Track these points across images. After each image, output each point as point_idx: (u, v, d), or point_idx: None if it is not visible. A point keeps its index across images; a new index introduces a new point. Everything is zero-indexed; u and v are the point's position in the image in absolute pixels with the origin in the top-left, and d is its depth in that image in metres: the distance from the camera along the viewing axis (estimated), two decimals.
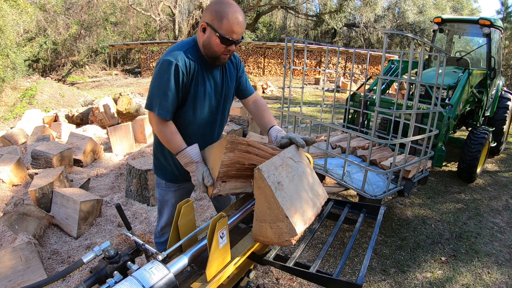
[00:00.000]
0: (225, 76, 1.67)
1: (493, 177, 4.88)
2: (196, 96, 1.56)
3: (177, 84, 1.47)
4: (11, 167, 3.62)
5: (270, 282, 2.48)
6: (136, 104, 6.40)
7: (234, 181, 1.42)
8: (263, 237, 1.29)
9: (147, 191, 3.38)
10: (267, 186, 1.18)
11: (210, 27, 1.45)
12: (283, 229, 1.22)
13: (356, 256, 2.86)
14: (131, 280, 0.93)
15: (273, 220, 1.22)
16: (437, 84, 3.04)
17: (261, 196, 1.22)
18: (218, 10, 1.42)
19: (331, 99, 10.35)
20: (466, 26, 5.30)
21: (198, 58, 1.53)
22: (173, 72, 1.44)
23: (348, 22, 21.77)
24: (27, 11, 12.69)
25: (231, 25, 1.42)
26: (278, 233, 1.23)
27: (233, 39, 1.45)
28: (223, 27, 1.42)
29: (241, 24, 1.44)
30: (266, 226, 1.25)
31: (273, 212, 1.21)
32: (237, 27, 1.43)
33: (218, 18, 1.42)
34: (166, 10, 21.01)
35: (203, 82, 1.57)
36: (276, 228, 1.23)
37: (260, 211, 1.25)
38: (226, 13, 1.41)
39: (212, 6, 1.45)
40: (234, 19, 1.42)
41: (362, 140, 4.04)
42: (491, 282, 2.67)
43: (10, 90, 11.89)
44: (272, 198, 1.19)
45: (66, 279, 2.33)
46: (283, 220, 1.20)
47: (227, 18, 1.41)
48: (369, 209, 1.63)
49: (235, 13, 1.42)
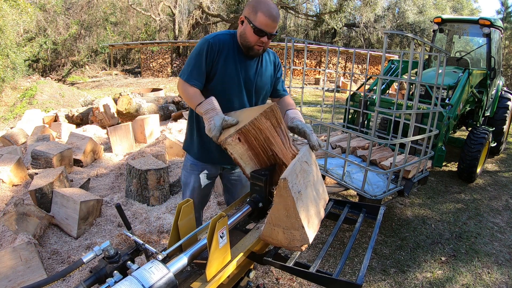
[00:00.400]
0: (259, 69, 1.80)
1: (493, 177, 4.88)
2: (224, 78, 1.71)
3: (206, 58, 1.66)
4: (11, 167, 3.62)
5: (270, 282, 2.48)
6: (136, 104, 6.40)
7: (246, 150, 1.45)
8: (273, 240, 1.29)
9: (147, 191, 3.38)
10: (290, 197, 1.18)
11: (247, 20, 1.63)
12: (296, 237, 1.22)
13: (356, 256, 2.86)
14: (131, 279, 0.93)
15: (287, 227, 1.23)
16: (437, 84, 3.04)
17: (281, 204, 1.21)
18: (255, 5, 1.61)
19: (331, 99, 10.35)
20: (466, 26, 5.30)
21: (233, 45, 1.72)
22: (205, 47, 1.66)
23: (348, 22, 21.77)
24: (27, 11, 12.69)
25: (264, 18, 1.58)
26: (289, 239, 1.24)
27: (266, 31, 1.61)
28: (257, 19, 1.59)
29: (273, 18, 1.60)
30: (279, 230, 1.25)
31: (290, 220, 1.21)
32: (269, 21, 1.59)
33: (253, 12, 1.60)
34: (166, 10, 21.01)
35: (235, 67, 1.72)
36: (289, 235, 1.23)
37: (276, 216, 1.24)
38: (261, 8, 1.59)
39: (250, 2, 1.66)
40: (268, 13, 1.59)
41: (362, 140, 4.04)
42: (491, 282, 2.67)
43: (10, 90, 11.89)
44: (292, 208, 1.19)
45: (66, 279, 2.34)
46: (298, 229, 1.21)
47: (262, 11, 1.58)
48: (369, 209, 1.63)
49: (269, 8, 1.59)
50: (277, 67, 1.91)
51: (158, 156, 4.03)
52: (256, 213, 1.47)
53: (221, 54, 1.68)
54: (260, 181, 1.43)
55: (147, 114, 6.47)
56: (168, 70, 18.43)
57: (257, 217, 1.51)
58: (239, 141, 1.42)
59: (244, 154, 1.47)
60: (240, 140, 1.42)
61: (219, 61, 1.69)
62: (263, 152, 1.49)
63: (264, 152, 1.49)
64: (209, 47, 1.66)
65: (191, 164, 1.94)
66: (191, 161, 1.94)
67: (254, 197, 1.46)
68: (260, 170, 1.48)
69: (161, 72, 18.40)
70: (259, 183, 1.43)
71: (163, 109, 7.40)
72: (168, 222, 3.08)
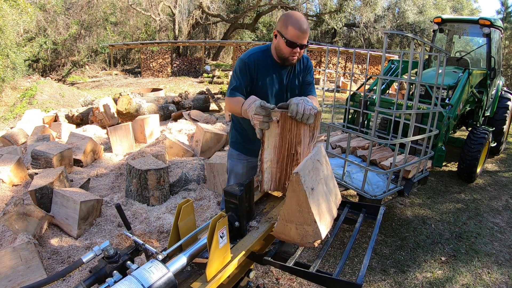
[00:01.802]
0: (292, 74, 1.99)
1: (493, 177, 4.88)
2: (262, 87, 1.92)
3: (244, 74, 1.87)
4: (11, 167, 3.62)
5: (270, 282, 2.48)
6: (136, 104, 6.40)
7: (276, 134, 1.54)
8: (285, 236, 1.30)
9: (147, 191, 3.38)
10: (302, 191, 1.20)
11: (279, 34, 1.79)
12: (308, 232, 1.24)
13: (356, 256, 2.86)
14: (130, 279, 0.93)
15: (300, 223, 1.24)
16: (437, 84, 3.04)
17: (293, 199, 1.23)
18: (285, 19, 1.76)
19: (331, 99, 10.35)
20: (466, 26, 5.30)
21: (267, 60, 1.91)
22: (242, 66, 1.87)
23: (348, 22, 21.77)
24: (27, 11, 12.69)
25: (294, 31, 1.73)
26: (302, 235, 1.25)
27: (297, 43, 1.75)
28: (288, 32, 1.74)
29: (303, 30, 1.74)
30: (292, 226, 1.26)
31: (303, 215, 1.22)
32: (299, 33, 1.73)
33: (285, 26, 1.75)
34: (166, 10, 21.01)
35: (271, 78, 1.92)
36: (301, 230, 1.25)
37: (288, 212, 1.26)
38: (291, 22, 1.74)
39: (282, 17, 1.81)
40: (297, 26, 1.73)
41: (362, 140, 4.04)
42: (491, 282, 2.67)
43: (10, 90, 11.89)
44: (304, 203, 1.21)
45: (66, 279, 2.34)
46: (311, 224, 1.22)
47: (292, 25, 1.73)
48: (369, 209, 1.62)
49: (299, 22, 1.74)
50: (307, 70, 2.05)
51: (158, 156, 4.03)
52: (234, 232, 1.34)
53: (258, 71, 1.88)
54: (234, 198, 1.30)
55: (147, 114, 6.47)
56: (168, 70, 18.43)
57: (235, 237, 1.36)
58: (277, 122, 1.51)
59: (272, 137, 1.54)
60: (278, 122, 1.51)
61: (257, 77, 1.90)
62: (288, 147, 1.57)
63: (288, 148, 1.57)
64: (246, 66, 1.86)
65: (238, 154, 2.19)
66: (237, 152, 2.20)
67: (229, 216, 1.30)
68: (234, 186, 1.36)
69: (161, 72, 18.40)
70: (233, 200, 1.31)
71: (163, 109, 7.40)
72: (168, 222, 3.08)
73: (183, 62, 18.97)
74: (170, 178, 3.78)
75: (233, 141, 2.24)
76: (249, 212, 1.43)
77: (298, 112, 1.47)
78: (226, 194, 1.33)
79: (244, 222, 1.36)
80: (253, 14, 22.25)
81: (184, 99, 8.16)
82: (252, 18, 22.55)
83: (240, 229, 1.34)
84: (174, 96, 8.29)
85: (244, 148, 2.17)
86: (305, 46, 1.80)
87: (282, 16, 1.83)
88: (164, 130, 5.89)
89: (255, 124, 1.54)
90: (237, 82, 1.89)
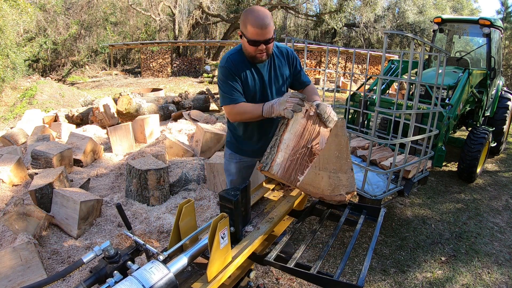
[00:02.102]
0: (272, 69, 1.94)
1: (493, 177, 4.88)
2: (247, 88, 1.88)
3: (233, 79, 1.82)
4: (11, 167, 3.61)
5: (270, 282, 2.48)
6: (136, 104, 6.40)
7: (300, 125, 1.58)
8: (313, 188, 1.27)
9: (147, 191, 3.38)
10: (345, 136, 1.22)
11: (242, 34, 1.75)
12: (342, 181, 1.22)
13: (356, 256, 2.86)
14: (131, 279, 0.93)
15: (335, 170, 1.22)
16: (437, 84, 3.04)
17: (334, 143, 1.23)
18: (244, 19, 1.71)
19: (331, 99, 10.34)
20: (466, 26, 5.30)
21: (243, 58, 1.85)
22: (226, 72, 1.82)
23: (348, 22, 21.75)
24: (27, 11, 12.68)
25: (253, 29, 1.67)
26: (334, 184, 1.23)
27: (259, 40, 1.69)
28: (248, 32, 1.70)
29: (261, 26, 1.67)
30: (324, 175, 1.24)
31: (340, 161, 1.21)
32: (259, 30, 1.67)
33: (244, 26, 1.71)
34: (166, 10, 21.00)
35: (252, 77, 1.88)
36: (334, 179, 1.23)
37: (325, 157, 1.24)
38: (248, 20, 1.68)
39: (241, 17, 1.75)
40: (255, 23, 1.66)
41: (362, 140, 4.04)
42: (491, 282, 2.67)
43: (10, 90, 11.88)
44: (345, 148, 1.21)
45: (66, 279, 2.33)
46: (347, 171, 1.22)
47: (250, 23, 1.67)
48: (370, 210, 1.62)
49: (256, 18, 1.67)
50: (291, 59, 1.99)
51: (158, 156, 4.02)
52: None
53: (239, 72, 1.83)
54: (229, 203, 1.29)
55: (147, 114, 6.47)
56: (168, 70, 18.43)
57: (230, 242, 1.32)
58: (305, 112, 1.57)
59: (296, 124, 1.57)
60: (306, 112, 1.56)
61: (241, 78, 1.86)
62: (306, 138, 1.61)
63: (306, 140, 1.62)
64: (229, 71, 1.81)
65: (230, 154, 2.18)
66: (230, 151, 2.19)
67: None
68: (230, 190, 1.35)
69: (161, 72, 18.40)
70: (228, 205, 1.29)
71: (163, 109, 7.40)
72: (168, 222, 3.07)
73: (183, 62, 18.97)
74: (170, 178, 3.78)
75: (227, 141, 2.25)
76: (245, 217, 1.41)
77: (326, 112, 1.61)
78: (222, 198, 1.31)
79: (240, 227, 1.34)
80: None
81: (184, 99, 8.16)
82: None
83: (236, 234, 1.33)
84: (174, 96, 8.29)
85: (236, 148, 2.16)
86: (271, 40, 1.73)
87: (241, 15, 1.76)
88: (164, 130, 5.89)
89: (287, 107, 1.58)
90: (232, 89, 1.83)
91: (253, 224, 1.47)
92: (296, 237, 3.05)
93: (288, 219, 1.72)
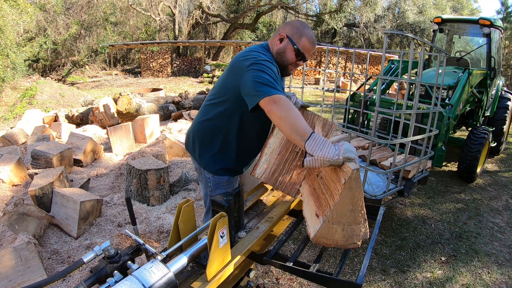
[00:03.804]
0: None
1: (493, 177, 4.88)
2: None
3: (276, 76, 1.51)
4: (11, 167, 3.62)
5: (270, 282, 2.48)
6: (136, 104, 6.40)
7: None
8: (327, 240, 1.23)
9: (147, 191, 3.38)
10: (359, 188, 1.14)
11: (289, 39, 1.63)
12: (355, 232, 1.20)
13: (356, 256, 2.86)
14: (131, 279, 0.93)
15: (349, 223, 1.19)
16: (437, 84, 3.04)
17: (348, 197, 1.15)
18: (300, 28, 1.64)
19: (331, 99, 10.35)
20: (466, 26, 5.30)
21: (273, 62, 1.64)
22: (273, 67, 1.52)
23: (348, 22, 21.77)
24: (27, 11, 12.69)
25: (308, 44, 1.64)
26: (348, 235, 1.20)
27: (305, 55, 1.66)
28: (301, 42, 1.62)
29: (314, 46, 1.67)
30: (338, 228, 1.20)
31: (354, 214, 1.17)
32: (311, 47, 1.66)
33: (298, 34, 1.62)
34: (166, 10, 21.02)
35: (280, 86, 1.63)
36: (348, 231, 1.20)
37: (339, 212, 1.18)
38: (306, 33, 1.63)
39: (295, 23, 1.67)
40: (311, 40, 1.64)
41: (362, 140, 4.04)
42: (491, 282, 2.67)
43: (10, 90, 11.89)
44: (359, 201, 1.16)
45: (66, 279, 2.34)
46: (360, 222, 1.18)
47: (306, 37, 1.63)
48: (369, 209, 1.62)
49: (312, 35, 1.66)
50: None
51: (158, 156, 4.03)
52: None
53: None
54: (221, 208, 1.25)
55: (147, 114, 6.47)
56: (168, 70, 18.43)
57: None
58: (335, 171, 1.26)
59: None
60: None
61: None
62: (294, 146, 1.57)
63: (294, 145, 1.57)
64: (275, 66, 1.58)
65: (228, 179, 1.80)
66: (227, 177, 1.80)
67: None
68: (222, 195, 1.30)
69: (161, 72, 18.41)
70: (220, 210, 1.25)
71: (163, 109, 7.40)
72: (168, 222, 3.08)
73: (183, 62, 18.98)
74: (170, 178, 3.78)
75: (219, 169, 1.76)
76: (237, 223, 1.39)
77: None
78: (214, 203, 1.28)
79: (233, 233, 1.33)
80: (253, 14, 22.24)
81: (184, 99, 8.16)
82: (252, 18, 22.55)
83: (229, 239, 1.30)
84: (174, 96, 8.29)
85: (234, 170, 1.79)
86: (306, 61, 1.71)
87: (294, 22, 1.67)
88: (164, 130, 5.89)
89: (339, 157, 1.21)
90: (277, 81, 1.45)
91: (246, 230, 1.46)
92: (295, 237, 3.06)
93: (287, 219, 1.73)
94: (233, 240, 1.35)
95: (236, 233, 1.39)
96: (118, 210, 3.24)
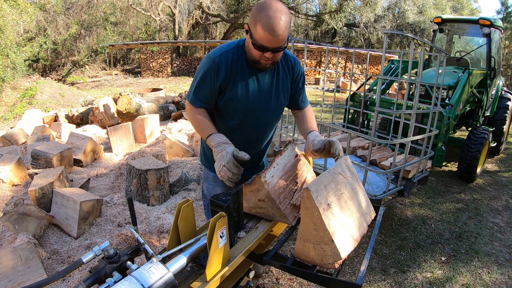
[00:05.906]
0: (275, 82, 1.58)
1: (493, 177, 4.88)
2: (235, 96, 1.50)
3: (212, 79, 1.45)
4: (11, 167, 3.62)
5: (270, 282, 2.48)
6: (136, 104, 6.40)
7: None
8: (306, 257, 1.23)
9: (147, 191, 3.38)
10: (315, 207, 1.11)
11: (249, 31, 1.37)
12: (327, 252, 1.16)
13: (356, 256, 2.86)
14: (130, 279, 0.93)
15: (317, 242, 1.17)
16: (437, 84, 3.04)
17: (307, 216, 1.16)
18: (256, 14, 1.32)
19: (331, 99, 10.35)
20: (466, 26, 5.30)
21: (241, 58, 1.48)
22: (212, 67, 1.44)
23: (348, 22, 21.76)
24: (27, 11, 12.70)
25: (263, 33, 1.30)
26: (321, 255, 1.18)
27: (266, 47, 1.33)
28: (256, 33, 1.32)
29: (273, 31, 1.29)
30: (310, 246, 1.20)
31: (319, 234, 1.15)
32: (269, 36, 1.30)
33: (253, 23, 1.33)
34: (166, 10, 21.02)
35: (246, 84, 1.50)
36: (319, 250, 1.18)
37: (304, 231, 1.19)
38: (260, 18, 1.29)
39: (253, 8, 1.35)
40: (266, 26, 1.28)
41: (362, 140, 4.04)
42: (491, 282, 2.67)
43: (10, 90, 11.90)
44: (319, 220, 1.13)
45: (66, 279, 2.34)
46: (328, 243, 1.14)
47: (260, 24, 1.29)
48: None
49: (269, 19, 1.28)
50: (297, 73, 1.65)
51: (158, 156, 4.03)
52: None
53: (231, 73, 1.46)
54: (220, 208, 1.24)
55: (147, 114, 6.47)
56: (168, 70, 18.44)
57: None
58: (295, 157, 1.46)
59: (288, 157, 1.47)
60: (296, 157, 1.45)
61: (230, 81, 1.47)
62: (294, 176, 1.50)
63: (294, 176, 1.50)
64: (216, 68, 1.44)
65: (214, 177, 1.75)
66: (213, 174, 1.74)
67: None
68: (220, 195, 1.29)
69: (161, 72, 18.41)
70: (219, 210, 1.24)
71: (163, 109, 7.40)
72: (168, 222, 3.08)
73: (183, 62, 18.98)
74: (170, 178, 3.78)
75: (209, 161, 1.75)
76: (237, 223, 1.38)
77: (340, 150, 1.44)
78: (212, 203, 1.26)
79: (233, 233, 1.32)
80: None
81: (184, 99, 8.16)
82: None
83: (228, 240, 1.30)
84: (174, 96, 8.29)
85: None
86: (281, 49, 1.37)
87: (254, 7, 1.35)
88: (164, 130, 5.89)
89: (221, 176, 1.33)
90: (202, 88, 1.48)
91: (245, 230, 1.45)
92: (295, 237, 3.05)
93: None
94: (233, 240, 1.35)
95: (235, 233, 1.39)
96: (118, 210, 3.24)
